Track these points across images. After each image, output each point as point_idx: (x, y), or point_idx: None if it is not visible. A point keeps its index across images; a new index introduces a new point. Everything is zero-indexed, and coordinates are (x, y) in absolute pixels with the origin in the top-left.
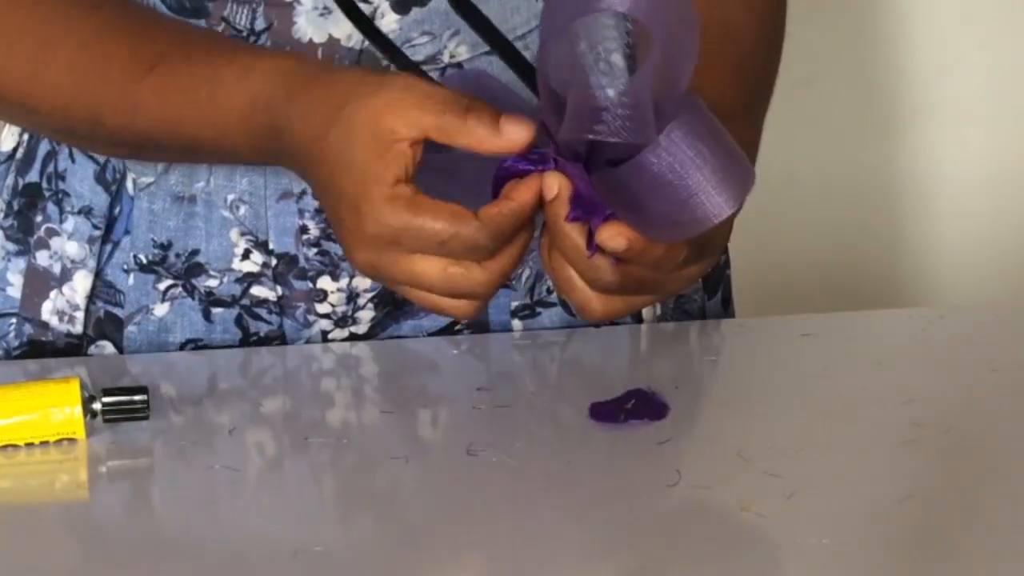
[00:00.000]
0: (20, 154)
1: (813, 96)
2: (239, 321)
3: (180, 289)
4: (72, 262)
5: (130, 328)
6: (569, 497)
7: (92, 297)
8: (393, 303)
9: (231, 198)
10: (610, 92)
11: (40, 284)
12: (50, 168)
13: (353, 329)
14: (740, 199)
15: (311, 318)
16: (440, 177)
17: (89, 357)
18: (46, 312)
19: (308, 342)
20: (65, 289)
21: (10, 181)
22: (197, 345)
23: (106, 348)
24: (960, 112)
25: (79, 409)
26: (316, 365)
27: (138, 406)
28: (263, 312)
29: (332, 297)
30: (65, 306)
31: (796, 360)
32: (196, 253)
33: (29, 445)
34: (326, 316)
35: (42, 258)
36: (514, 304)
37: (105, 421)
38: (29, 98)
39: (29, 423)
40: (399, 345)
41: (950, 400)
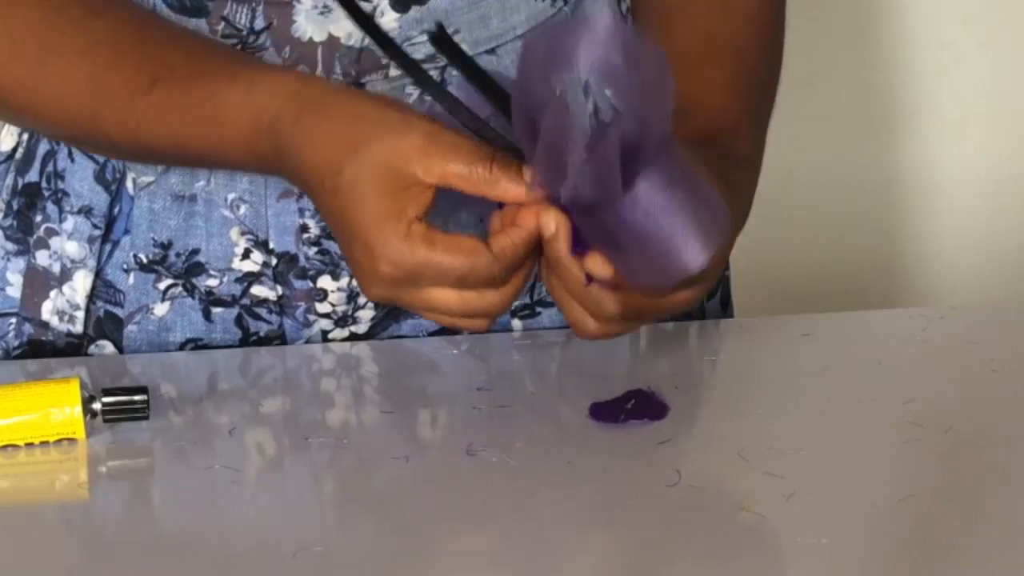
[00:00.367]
0: (19, 154)
1: (813, 96)
2: (239, 321)
3: (180, 288)
4: (72, 262)
5: (130, 327)
6: (569, 497)
7: (92, 297)
8: None
9: (231, 197)
10: (577, 152)
11: (40, 284)
12: (49, 168)
13: (353, 328)
14: (715, 246)
15: (311, 317)
16: (448, 199)
17: (89, 357)
18: (46, 312)
19: (308, 342)
20: (65, 289)
21: (9, 181)
22: (197, 345)
23: (106, 348)
24: (960, 112)
25: (79, 409)
26: (316, 365)
27: (138, 406)
28: (263, 312)
29: (332, 296)
30: (65, 306)
31: (796, 360)
32: (196, 252)
33: (29, 445)
34: (326, 316)
35: (42, 258)
36: (514, 304)
37: (105, 421)
38: (32, 103)
39: (29, 423)
40: (399, 345)
41: (950, 400)
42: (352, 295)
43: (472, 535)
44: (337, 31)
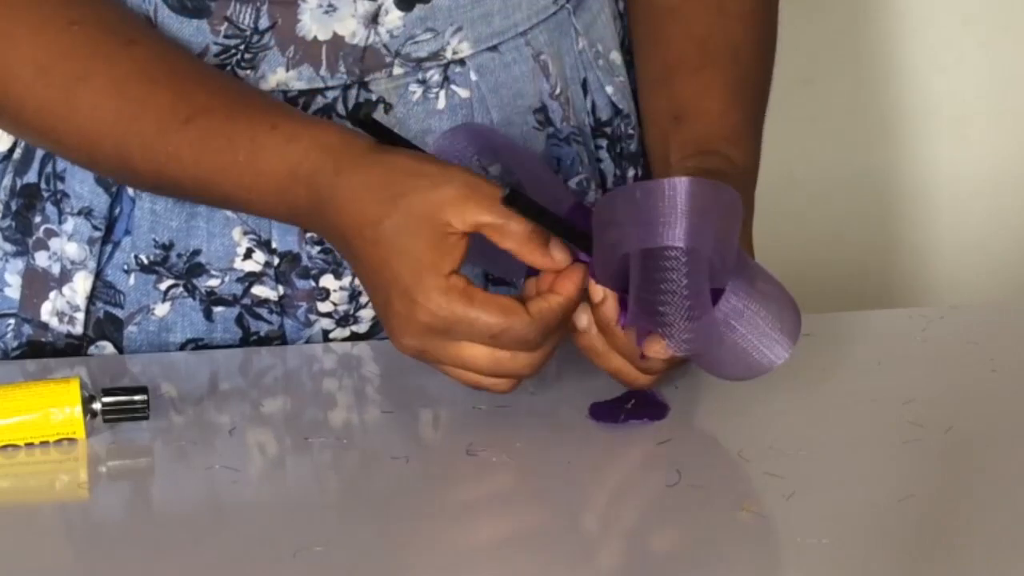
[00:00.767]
0: (17, 154)
1: (813, 96)
2: (240, 320)
3: (181, 289)
4: (72, 263)
5: (130, 328)
6: (569, 497)
7: (92, 298)
8: None
9: None
10: (679, 313)
11: (39, 285)
12: (48, 168)
13: (354, 328)
14: (795, 340)
15: (312, 317)
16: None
17: (89, 357)
18: (46, 313)
19: (309, 341)
20: (65, 290)
21: (7, 182)
22: (197, 345)
23: (106, 348)
24: (960, 112)
25: (79, 409)
26: (317, 365)
27: (138, 406)
28: (264, 312)
29: (334, 296)
30: (65, 307)
31: (796, 360)
32: (198, 253)
33: (29, 445)
34: (327, 315)
35: (41, 259)
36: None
37: (105, 421)
38: (55, 127)
39: (29, 423)
40: None
41: (950, 400)
42: (354, 294)
43: (472, 535)
44: (342, 30)
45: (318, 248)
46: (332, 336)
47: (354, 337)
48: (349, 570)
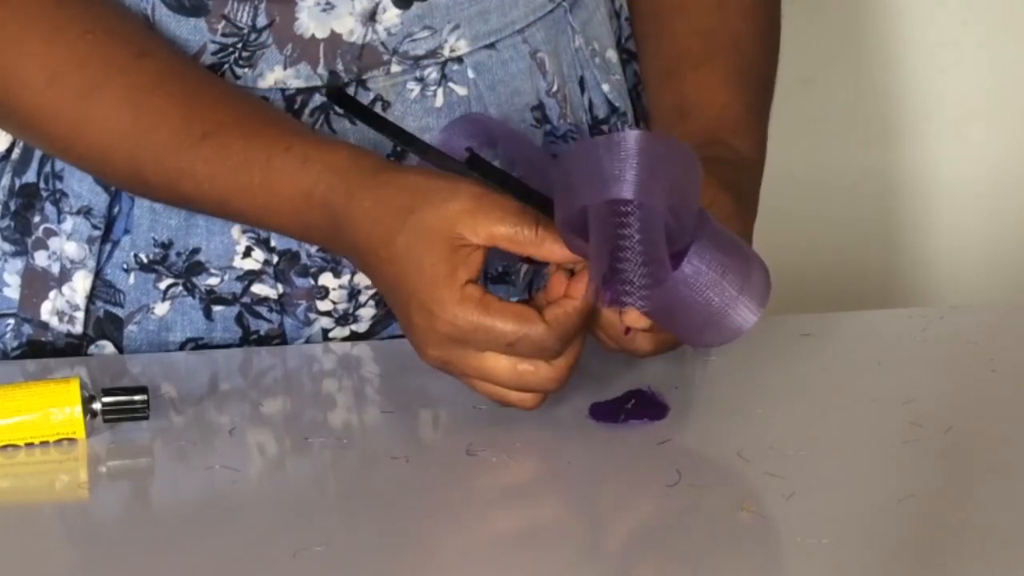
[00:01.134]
0: (16, 154)
1: (813, 96)
2: (239, 319)
3: (181, 288)
4: (71, 262)
5: (130, 327)
6: (569, 497)
7: (92, 297)
8: None
9: None
10: (633, 258)
11: (39, 284)
12: (47, 168)
13: (354, 327)
14: (763, 304)
15: (312, 316)
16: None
17: (89, 357)
18: (45, 312)
19: (308, 340)
20: (65, 289)
21: (6, 182)
22: (197, 344)
23: (106, 348)
24: (960, 112)
25: (79, 409)
26: (317, 365)
27: (138, 406)
28: (263, 310)
29: (334, 294)
30: (65, 306)
31: (795, 360)
32: (197, 251)
33: (29, 445)
34: (327, 314)
35: (40, 258)
36: (513, 300)
37: (105, 421)
38: (66, 135)
39: (29, 423)
40: (400, 345)
41: (950, 400)
42: (353, 293)
43: (472, 535)
44: (339, 28)
45: (317, 246)
46: (332, 335)
47: (354, 336)
48: (349, 570)
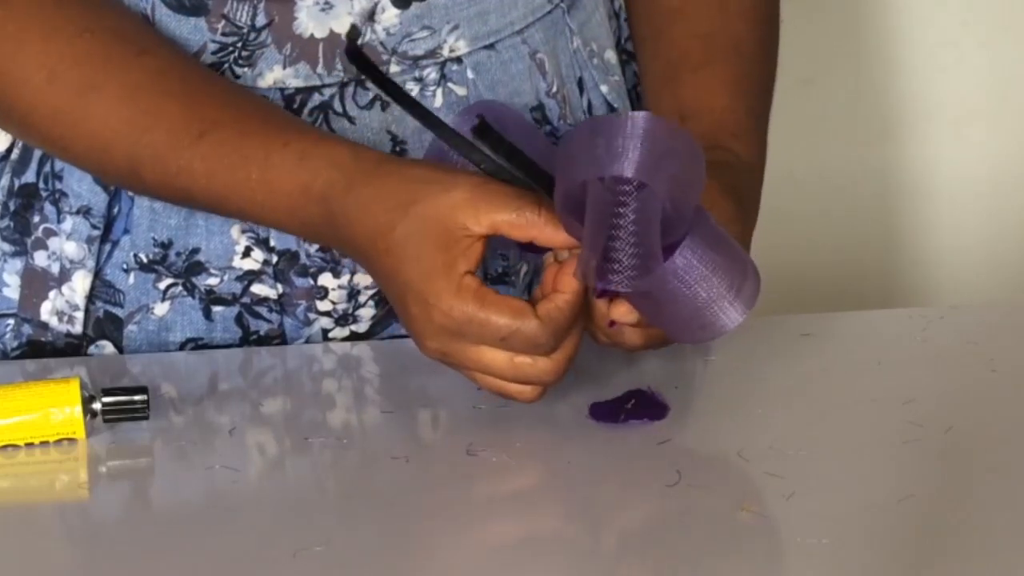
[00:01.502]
0: (15, 154)
1: (813, 96)
2: (239, 319)
3: (180, 288)
4: (71, 262)
5: (130, 327)
6: (569, 497)
7: (91, 297)
8: None
9: None
10: (626, 240)
11: (39, 284)
12: (47, 168)
13: (354, 327)
14: (750, 307)
15: (311, 316)
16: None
17: (89, 357)
18: (45, 312)
19: (308, 341)
20: (64, 289)
21: (5, 182)
22: (197, 344)
23: (106, 348)
24: (960, 112)
25: (79, 409)
26: (317, 365)
27: (138, 406)
28: (263, 310)
29: (333, 294)
30: (64, 306)
31: (795, 360)
32: (197, 251)
33: (29, 445)
34: (327, 314)
35: (40, 258)
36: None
37: (105, 421)
38: (64, 135)
39: (29, 423)
40: (399, 345)
41: (950, 400)
42: (353, 293)
43: (472, 535)
44: (338, 27)
45: (316, 246)
46: (331, 335)
47: (353, 336)
48: (349, 570)
